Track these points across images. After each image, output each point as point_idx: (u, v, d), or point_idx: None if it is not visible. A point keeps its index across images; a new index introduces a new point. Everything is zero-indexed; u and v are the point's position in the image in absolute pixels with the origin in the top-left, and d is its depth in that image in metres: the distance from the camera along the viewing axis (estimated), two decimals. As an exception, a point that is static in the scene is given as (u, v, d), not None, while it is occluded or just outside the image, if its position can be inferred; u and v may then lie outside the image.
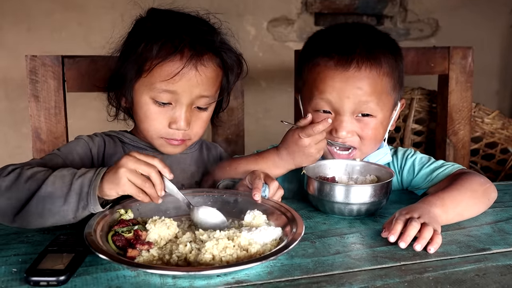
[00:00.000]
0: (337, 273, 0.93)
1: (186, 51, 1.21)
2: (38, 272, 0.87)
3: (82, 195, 1.03)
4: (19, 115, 2.58)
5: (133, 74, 1.25)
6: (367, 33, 1.37)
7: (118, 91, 1.32)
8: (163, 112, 1.26)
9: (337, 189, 1.18)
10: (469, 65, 1.97)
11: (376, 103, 1.30)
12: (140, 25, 1.31)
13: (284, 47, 2.88)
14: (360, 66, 1.27)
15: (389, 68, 1.31)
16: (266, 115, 2.91)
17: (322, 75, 1.31)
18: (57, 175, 1.06)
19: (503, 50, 3.32)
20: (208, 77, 1.25)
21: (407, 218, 1.05)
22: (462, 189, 1.19)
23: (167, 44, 1.21)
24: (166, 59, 1.20)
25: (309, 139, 1.22)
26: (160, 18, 1.28)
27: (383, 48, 1.33)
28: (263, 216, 1.10)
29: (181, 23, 1.26)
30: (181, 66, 1.20)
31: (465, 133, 2.03)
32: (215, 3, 2.74)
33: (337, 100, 1.29)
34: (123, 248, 0.96)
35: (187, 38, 1.22)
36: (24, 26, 2.54)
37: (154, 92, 1.23)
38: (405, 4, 3.05)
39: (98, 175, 1.05)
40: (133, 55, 1.24)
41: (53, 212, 1.04)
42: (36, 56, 1.55)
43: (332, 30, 1.43)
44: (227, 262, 0.93)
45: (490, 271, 0.94)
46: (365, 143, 1.34)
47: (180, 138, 1.28)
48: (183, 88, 1.22)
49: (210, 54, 1.25)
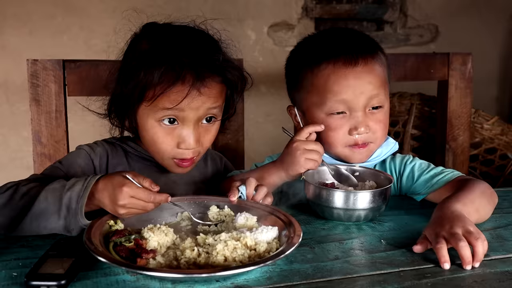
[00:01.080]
0: (336, 278, 0.93)
1: (188, 76, 1.17)
2: (38, 277, 0.88)
3: (71, 211, 1.03)
4: (19, 118, 2.58)
5: (135, 100, 1.21)
6: (354, 33, 1.44)
7: (120, 113, 1.28)
8: (170, 132, 1.22)
9: (336, 195, 1.19)
10: (468, 71, 1.98)
11: (384, 93, 1.36)
12: (136, 46, 1.26)
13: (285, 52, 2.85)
14: (365, 61, 1.32)
15: (385, 60, 1.39)
16: (266, 120, 2.92)
17: (333, 76, 1.32)
18: (49, 189, 1.06)
19: (503, 56, 3.33)
20: (213, 94, 1.21)
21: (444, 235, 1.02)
22: (472, 190, 1.21)
23: (168, 72, 1.16)
24: (168, 88, 1.16)
25: (300, 145, 1.25)
26: (157, 39, 1.23)
27: (372, 43, 1.40)
28: (254, 218, 1.11)
29: (179, 43, 1.21)
30: (185, 93, 1.16)
31: (465, 139, 2.03)
32: (216, 8, 2.75)
33: (352, 98, 1.31)
34: (128, 258, 0.96)
35: (188, 62, 1.17)
36: (25, 30, 2.55)
37: (159, 114, 1.20)
38: (405, 10, 3.06)
39: (86, 189, 1.04)
40: (132, 81, 1.20)
41: (49, 229, 1.06)
42: (37, 60, 1.55)
43: (319, 37, 1.47)
44: (241, 262, 0.94)
45: (489, 278, 0.95)
46: (377, 136, 1.36)
47: (191, 156, 1.25)
48: (189, 107, 1.19)
49: (212, 75, 1.21)
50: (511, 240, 1.11)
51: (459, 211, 1.10)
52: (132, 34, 1.28)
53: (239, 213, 1.13)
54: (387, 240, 1.10)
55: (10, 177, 1.20)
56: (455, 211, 1.09)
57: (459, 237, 0.99)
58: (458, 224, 1.04)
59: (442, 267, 0.97)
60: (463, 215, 1.08)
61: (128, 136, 1.37)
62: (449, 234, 1.01)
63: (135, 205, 1.04)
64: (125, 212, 1.04)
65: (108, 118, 1.31)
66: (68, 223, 1.04)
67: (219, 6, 2.77)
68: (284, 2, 2.88)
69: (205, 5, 2.73)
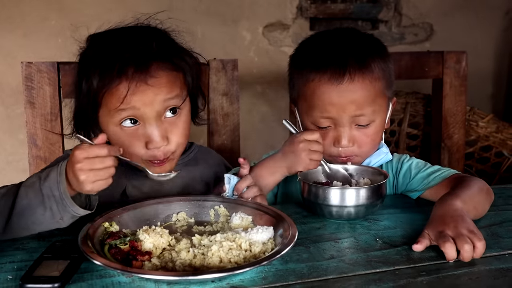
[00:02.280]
0: (332, 277, 0.94)
1: (129, 69, 1.14)
2: (33, 279, 0.88)
3: (56, 198, 1.02)
4: (15, 121, 2.57)
5: (90, 110, 1.20)
6: (355, 40, 1.38)
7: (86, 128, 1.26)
8: (135, 134, 1.19)
9: (331, 192, 1.19)
10: (463, 69, 1.98)
11: (372, 110, 1.31)
12: (83, 58, 1.26)
13: (280, 52, 2.89)
14: (353, 77, 1.28)
15: (381, 72, 1.33)
16: (261, 120, 2.92)
17: (318, 91, 1.31)
18: (27, 184, 1.05)
19: (498, 54, 3.33)
20: (164, 83, 1.18)
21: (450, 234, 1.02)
22: (470, 187, 1.21)
23: (107, 71, 1.14)
24: (111, 86, 1.14)
25: (306, 146, 1.25)
26: (97, 43, 1.22)
27: (372, 52, 1.34)
28: (249, 217, 1.12)
29: (116, 42, 1.19)
30: (127, 87, 1.13)
31: (460, 137, 2.03)
32: (211, 8, 2.76)
33: (335, 115, 1.30)
34: (123, 260, 0.96)
35: (126, 56, 1.15)
36: (20, 32, 2.54)
37: (115, 118, 1.18)
38: (400, 9, 3.07)
39: (61, 173, 1.02)
40: (82, 92, 1.20)
41: (38, 222, 1.04)
42: (32, 63, 1.55)
43: (319, 40, 1.42)
44: (236, 263, 0.94)
45: (483, 275, 0.95)
46: (363, 150, 1.35)
47: (163, 157, 1.21)
48: (142, 101, 1.15)
49: (156, 62, 1.17)
50: (506, 237, 1.12)
51: (460, 209, 1.10)
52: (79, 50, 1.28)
53: (234, 213, 1.13)
54: (382, 239, 1.10)
55: (5, 181, 1.19)
56: (457, 209, 1.10)
57: (465, 239, 1.00)
58: (462, 224, 1.05)
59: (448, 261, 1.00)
60: (465, 214, 1.09)
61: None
62: (455, 234, 1.02)
63: (92, 165, 0.99)
64: (85, 177, 0.99)
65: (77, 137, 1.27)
66: (54, 212, 1.02)
67: (214, 6, 2.77)
68: (279, 2, 2.88)
69: (200, 6, 2.73)
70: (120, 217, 1.10)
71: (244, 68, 1.39)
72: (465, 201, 1.14)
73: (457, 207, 1.11)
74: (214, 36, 2.74)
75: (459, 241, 1.00)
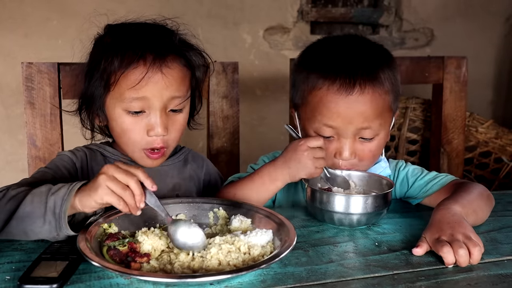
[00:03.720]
0: (330, 281, 0.93)
1: (148, 55, 1.20)
2: (31, 280, 0.87)
3: (56, 215, 1.01)
4: (14, 121, 2.58)
5: (101, 90, 1.24)
6: (365, 50, 1.33)
7: (89, 110, 1.31)
8: (138, 121, 1.24)
9: (338, 199, 1.17)
10: (463, 75, 1.99)
11: (379, 124, 1.28)
12: (99, 43, 1.32)
13: (280, 55, 2.90)
14: (363, 89, 1.24)
15: (390, 85, 1.29)
16: (261, 123, 2.92)
17: (325, 100, 1.26)
18: (35, 193, 1.04)
19: (498, 59, 3.34)
20: (176, 78, 1.24)
21: (446, 240, 1.03)
22: (470, 192, 1.21)
23: (128, 53, 1.21)
24: (129, 67, 1.20)
25: (311, 153, 1.23)
26: (117, 32, 1.28)
27: (382, 63, 1.30)
28: (248, 220, 1.12)
29: (138, 31, 1.26)
30: (145, 70, 1.19)
31: (459, 142, 2.04)
32: (212, 11, 2.76)
33: (340, 125, 1.26)
34: (121, 262, 0.96)
35: (147, 43, 1.22)
36: (21, 33, 2.54)
37: (125, 102, 1.22)
38: (401, 14, 3.07)
39: (71, 193, 1.02)
40: (97, 72, 1.24)
41: (36, 232, 1.03)
42: (32, 63, 1.55)
43: (328, 45, 1.37)
44: (235, 265, 0.95)
45: (482, 281, 0.95)
46: (363, 163, 1.33)
47: (160, 145, 1.25)
48: (152, 92, 1.21)
49: (172, 55, 1.24)
50: (505, 243, 1.12)
51: (458, 214, 1.10)
52: (95, 35, 1.34)
53: (233, 216, 1.13)
54: (381, 243, 1.10)
55: (5, 181, 1.19)
56: (455, 214, 1.10)
57: (460, 244, 1.00)
58: (459, 230, 1.05)
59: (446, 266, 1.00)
60: (462, 219, 1.09)
61: (107, 141, 1.40)
62: (451, 239, 1.02)
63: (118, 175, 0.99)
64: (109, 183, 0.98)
65: (80, 117, 1.34)
66: (52, 228, 1.02)
67: (215, 9, 2.78)
68: (280, 6, 2.89)
69: (201, 9, 2.74)
70: (119, 219, 1.09)
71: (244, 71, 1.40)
72: (463, 205, 1.14)
73: (455, 212, 1.11)
74: (214, 39, 2.75)
75: (454, 246, 1.00)
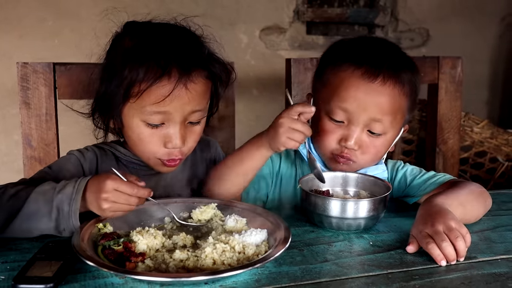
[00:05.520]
0: (325, 281, 0.94)
1: (173, 71, 1.14)
2: (26, 280, 0.87)
3: (64, 213, 1.03)
4: (10, 122, 2.57)
5: (120, 98, 1.18)
6: (395, 52, 1.37)
7: (105, 114, 1.26)
8: (157, 133, 1.20)
9: (334, 204, 1.15)
10: (458, 75, 1.99)
11: (390, 121, 1.29)
12: (118, 44, 1.24)
13: (276, 55, 2.90)
14: (385, 81, 1.26)
15: (410, 90, 1.32)
16: (258, 123, 2.92)
17: (346, 82, 1.29)
18: (39, 191, 1.05)
19: (493, 59, 3.35)
20: (199, 92, 1.19)
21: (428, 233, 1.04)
22: (459, 188, 1.23)
23: (153, 67, 1.14)
24: (154, 83, 1.14)
25: (286, 122, 1.16)
26: (139, 35, 1.21)
27: (407, 68, 1.33)
28: (244, 220, 1.12)
29: (163, 39, 1.19)
30: (171, 88, 1.14)
31: (455, 142, 2.04)
32: (208, 11, 2.76)
33: (355, 110, 1.27)
34: (116, 261, 0.96)
35: (173, 57, 1.15)
36: (16, 33, 2.54)
37: (145, 115, 1.17)
38: (396, 14, 3.08)
39: (78, 191, 1.04)
40: (117, 79, 1.18)
41: (41, 230, 1.06)
42: (27, 63, 1.55)
43: (361, 40, 1.43)
44: (229, 265, 0.95)
45: (476, 280, 0.95)
46: (364, 158, 1.33)
47: (178, 157, 1.23)
48: (175, 108, 1.16)
49: (198, 69, 1.19)
50: (499, 242, 1.12)
51: (440, 204, 1.11)
52: (113, 33, 1.27)
53: (228, 215, 1.13)
54: (376, 243, 1.11)
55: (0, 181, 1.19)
56: (436, 205, 1.11)
57: (441, 237, 1.02)
58: (439, 220, 1.05)
59: (439, 264, 1.00)
60: (444, 208, 1.10)
61: (118, 141, 1.35)
62: (432, 232, 1.03)
63: (118, 198, 1.04)
64: (108, 207, 1.04)
65: (92, 118, 1.29)
66: (58, 224, 1.04)
67: (211, 9, 2.78)
68: (276, 6, 2.89)
69: (197, 9, 2.74)
70: (114, 218, 1.10)
71: (240, 70, 1.39)
72: (448, 198, 1.15)
73: (436, 203, 1.12)
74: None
75: (436, 240, 1.01)
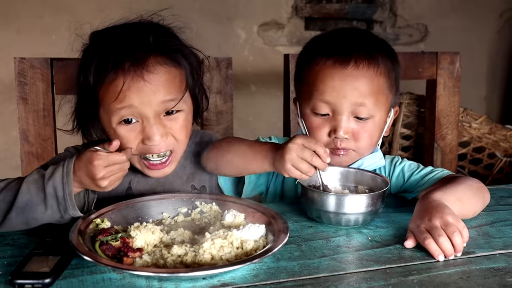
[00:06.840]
0: (323, 276, 0.93)
1: (126, 64, 1.10)
2: (23, 275, 0.87)
3: (59, 199, 1.04)
4: (7, 117, 2.56)
5: (90, 107, 1.17)
6: (365, 37, 1.38)
7: (86, 127, 1.24)
8: (133, 129, 1.15)
9: (333, 199, 1.15)
10: (456, 71, 1.99)
11: (374, 103, 1.29)
12: (84, 55, 1.22)
13: (274, 51, 2.90)
14: (358, 64, 1.27)
15: (386, 69, 1.31)
16: (256, 119, 2.92)
17: (321, 74, 1.29)
18: (30, 181, 1.05)
19: (491, 55, 3.35)
20: (162, 81, 1.14)
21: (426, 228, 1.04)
22: (457, 183, 1.22)
23: (102, 66, 1.11)
24: (107, 81, 1.11)
25: (294, 147, 1.11)
26: (99, 40, 1.18)
27: (380, 50, 1.33)
28: (242, 215, 1.12)
29: (113, 37, 1.16)
30: (122, 82, 1.10)
31: (453, 138, 2.04)
32: (206, 7, 2.76)
33: (335, 100, 1.27)
34: (114, 257, 0.96)
35: (124, 51, 1.12)
36: (13, 29, 2.53)
37: (114, 115, 1.14)
38: (395, 10, 3.08)
39: (68, 173, 1.04)
40: (82, 88, 1.17)
41: (38, 219, 1.05)
42: (25, 59, 1.55)
43: (331, 33, 1.43)
44: (228, 260, 0.95)
45: (474, 274, 0.95)
46: (360, 145, 1.32)
47: (161, 150, 1.18)
48: (141, 101, 1.12)
49: (154, 57, 1.13)
50: (497, 237, 1.12)
51: (437, 199, 1.11)
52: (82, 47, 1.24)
53: (226, 211, 1.13)
54: (374, 238, 1.11)
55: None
56: (433, 200, 1.11)
57: (438, 232, 1.02)
58: (436, 215, 1.05)
59: (437, 259, 1.00)
60: (441, 203, 1.10)
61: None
62: (429, 227, 1.04)
63: (113, 171, 1.06)
64: (107, 183, 1.06)
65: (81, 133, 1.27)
66: (55, 212, 1.04)
67: (209, 5, 2.77)
68: (274, 2, 2.89)
69: (194, 4, 2.73)
70: (111, 214, 1.10)
71: (238, 66, 1.39)
72: (445, 193, 1.15)
73: (433, 198, 1.12)
74: (208, 34, 2.74)
75: (433, 235, 1.02)
